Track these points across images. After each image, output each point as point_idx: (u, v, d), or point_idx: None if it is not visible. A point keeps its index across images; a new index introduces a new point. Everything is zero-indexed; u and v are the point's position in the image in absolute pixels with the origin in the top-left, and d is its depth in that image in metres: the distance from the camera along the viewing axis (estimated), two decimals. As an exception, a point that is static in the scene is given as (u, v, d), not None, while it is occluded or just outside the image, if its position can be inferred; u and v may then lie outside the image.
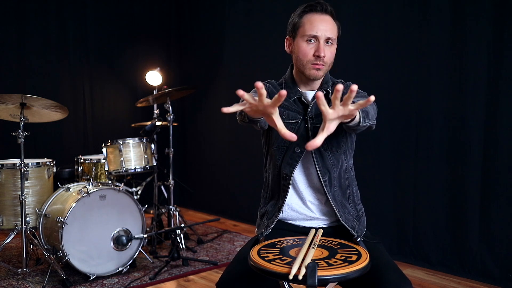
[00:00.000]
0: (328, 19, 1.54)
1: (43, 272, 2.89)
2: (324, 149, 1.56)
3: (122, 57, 4.83)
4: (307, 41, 1.54)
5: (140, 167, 3.31)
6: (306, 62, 1.55)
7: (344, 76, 1.74)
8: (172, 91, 3.43)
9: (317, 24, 1.53)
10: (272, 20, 3.93)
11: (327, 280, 1.14)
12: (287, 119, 1.58)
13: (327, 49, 1.53)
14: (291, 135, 1.12)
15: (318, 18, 1.54)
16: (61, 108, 2.85)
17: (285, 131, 1.13)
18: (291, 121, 1.58)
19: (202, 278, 2.88)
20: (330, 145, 1.57)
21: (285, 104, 1.60)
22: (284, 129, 1.14)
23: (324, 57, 1.52)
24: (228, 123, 4.48)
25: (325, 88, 1.60)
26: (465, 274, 2.80)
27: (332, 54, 1.56)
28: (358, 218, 1.60)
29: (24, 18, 4.17)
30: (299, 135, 1.54)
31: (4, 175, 2.91)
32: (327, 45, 1.54)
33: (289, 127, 1.56)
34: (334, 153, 1.57)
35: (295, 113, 1.58)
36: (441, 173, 2.90)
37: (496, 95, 2.64)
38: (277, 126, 1.15)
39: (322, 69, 1.55)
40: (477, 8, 2.69)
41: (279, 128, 1.14)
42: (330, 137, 1.47)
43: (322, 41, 1.52)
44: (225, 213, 4.46)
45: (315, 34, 1.52)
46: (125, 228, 2.91)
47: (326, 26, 1.53)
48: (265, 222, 1.61)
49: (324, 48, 1.52)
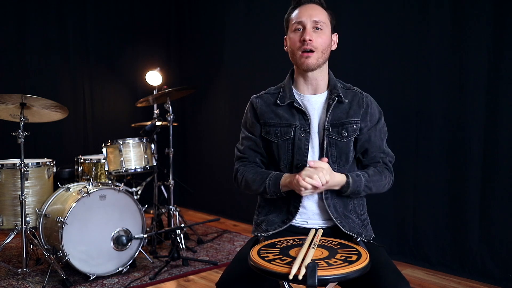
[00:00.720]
0: (314, 6, 1.57)
1: (43, 272, 2.89)
2: (332, 162, 1.56)
3: (122, 57, 4.83)
4: (295, 31, 1.56)
5: (140, 167, 3.31)
6: (296, 51, 1.56)
7: (344, 77, 1.74)
8: (172, 91, 3.43)
9: (302, 12, 1.56)
10: (272, 20, 3.93)
11: (327, 280, 1.14)
12: (280, 136, 1.59)
13: (315, 35, 1.54)
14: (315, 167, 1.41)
15: (304, 7, 1.57)
16: (61, 108, 2.85)
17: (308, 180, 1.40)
18: (285, 138, 1.59)
19: (202, 278, 2.88)
20: (339, 160, 1.57)
21: (276, 121, 1.61)
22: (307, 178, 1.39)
23: (311, 41, 1.52)
24: (228, 123, 4.48)
25: (335, 94, 1.59)
26: (465, 274, 2.80)
27: (323, 40, 1.55)
28: (364, 227, 1.60)
29: (24, 18, 4.17)
30: (296, 148, 1.56)
31: (4, 175, 2.91)
32: (315, 31, 1.54)
33: (284, 144, 1.58)
34: (341, 167, 1.58)
35: (287, 127, 1.59)
36: (441, 173, 2.90)
37: (496, 95, 2.64)
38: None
39: (311, 55, 1.53)
40: (477, 8, 2.69)
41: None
42: (339, 151, 1.55)
43: (309, 25, 1.53)
44: (225, 213, 4.46)
45: (300, 20, 1.55)
46: (125, 228, 2.91)
47: (312, 11, 1.55)
48: (264, 227, 1.60)
49: (311, 33, 1.53)
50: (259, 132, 1.64)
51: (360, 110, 1.59)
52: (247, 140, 1.67)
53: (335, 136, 1.56)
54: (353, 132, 1.58)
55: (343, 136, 1.57)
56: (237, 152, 1.70)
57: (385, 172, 1.61)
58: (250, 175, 1.60)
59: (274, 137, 1.60)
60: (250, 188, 1.60)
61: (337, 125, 1.57)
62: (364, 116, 1.60)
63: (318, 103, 1.61)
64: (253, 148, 1.66)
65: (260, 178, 1.57)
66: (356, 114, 1.58)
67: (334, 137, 1.56)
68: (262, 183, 1.55)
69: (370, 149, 1.61)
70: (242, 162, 1.67)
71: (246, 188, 1.62)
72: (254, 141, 1.66)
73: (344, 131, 1.57)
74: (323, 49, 1.55)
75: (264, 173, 1.58)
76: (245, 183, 1.61)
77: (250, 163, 1.66)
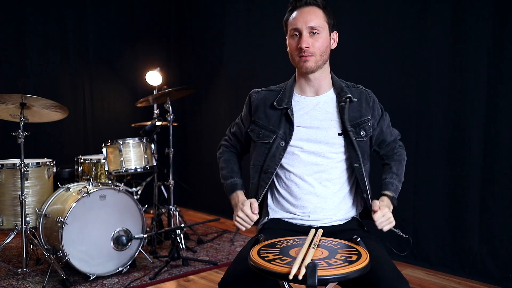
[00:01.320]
0: (311, 9, 1.55)
1: (43, 272, 2.89)
2: (355, 162, 1.60)
3: (122, 57, 4.83)
4: (292, 36, 1.57)
5: (140, 167, 3.31)
6: (295, 56, 1.58)
7: (344, 76, 1.74)
8: (172, 91, 3.43)
9: (298, 17, 1.56)
10: (272, 20, 3.93)
11: (327, 280, 1.14)
12: (262, 138, 1.63)
13: (312, 40, 1.54)
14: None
15: (300, 11, 1.56)
16: (61, 108, 2.85)
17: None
18: (264, 141, 1.62)
19: (202, 278, 2.88)
20: (363, 159, 1.59)
21: (263, 123, 1.64)
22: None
23: (308, 47, 1.53)
24: (228, 123, 4.46)
25: (345, 96, 1.60)
26: (465, 274, 2.80)
27: (320, 43, 1.55)
28: None
29: (24, 18, 4.17)
30: (271, 155, 1.59)
31: (4, 175, 2.91)
32: (312, 36, 1.54)
33: (262, 146, 1.62)
34: (365, 165, 1.61)
35: (269, 132, 1.61)
36: (441, 173, 2.90)
37: (496, 95, 2.64)
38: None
39: (309, 59, 1.55)
40: (477, 8, 2.69)
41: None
42: (362, 151, 1.59)
43: (305, 32, 1.53)
44: (225, 213, 4.44)
45: (296, 27, 1.55)
46: (125, 228, 2.91)
47: (307, 16, 1.54)
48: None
49: (307, 39, 1.53)
50: (248, 125, 1.71)
51: (369, 107, 1.64)
52: (237, 127, 1.79)
53: (355, 137, 1.58)
54: (370, 130, 1.62)
55: (362, 136, 1.59)
56: (228, 131, 1.84)
57: (400, 152, 1.72)
58: (223, 164, 1.76)
59: (256, 137, 1.65)
60: (219, 171, 1.77)
61: (354, 126, 1.59)
62: (372, 111, 1.64)
63: (321, 103, 1.62)
64: (238, 137, 1.78)
65: (225, 172, 1.73)
66: (367, 112, 1.62)
67: (355, 138, 1.57)
68: (224, 179, 1.72)
69: (385, 140, 1.69)
70: (227, 142, 1.83)
71: (219, 167, 1.78)
72: (241, 131, 1.75)
73: (362, 131, 1.59)
74: (321, 52, 1.56)
75: (231, 171, 1.72)
76: (220, 164, 1.79)
77: (231, 147, 1.81)
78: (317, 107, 1.61)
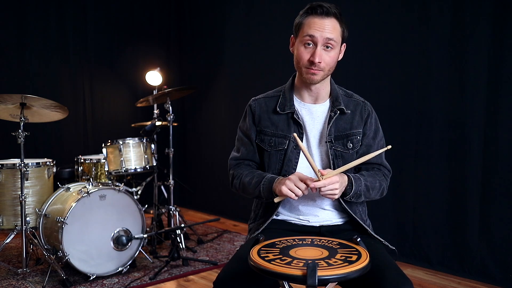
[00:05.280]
0: (329, 22, 1.49)
1: (43, 272, 2.89)
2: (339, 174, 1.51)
3: (122, 57, 4.83)
4: (305, 45, 1.50)
5: (140, 167, 3.31)
6: (302, 65, 1.53)
7: (344, 77, 1.74)
8: (172, 91, 3.43)
9: (316, 26, 1.48)
10: (273, 20, 3.93)
11: (327, 280, 1.14)
12: (274, 146, 1.59)
13: (325, 54, 1.49)
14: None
15: (318, 21, 1.48)
16: (61, 108, 2.85)
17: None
18: (278, 148, 1.59)
19: (202, 278, 2.88)
20: (347, 171, 1.50)
21: (271, 130, 1.60)
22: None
23: (320, 62, 1.48)
24: (228, 123, 4.48)
25: (337, 107, 1.58)
26: (465, 274, 2.80)
27: (331, 58, 1.51)
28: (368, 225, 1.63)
29: (24, 18, 4.17)
30: (287, 159, 1.56)
31: (4, 175, 2.91)
32: (326, 50, 1.49)
33: (277, 154, 1.58)
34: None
35: (281, 138, 1.58)
36: (441, 173, 2.90)
37: (496, 95, 2.64)
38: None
39: (318, 73, 1.51)
40: (477, 8, 2.69)
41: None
42: (346, 163, 1.52)
43: (320, 45, 1.48)
44: (225, 213, 4.45)
45: (312, 34, 1.48)
46: (125, 228, 2.91)
47: (325, 29, 1.48)
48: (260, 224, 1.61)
49: (321, 53, 1.48)
50: (254, 137, 1.65)
51: (361, 120, 1.61)
52: (243, 145, 1.67)
53: (341, 148, 1.57)
54: (357, 144, 1.59)
55: (349, 148, 1.58)
56: (231, 160, 1.69)
57: (379, 176, 1.61)
58: (247, 178, 1.57)
59: (268, 146, 1.61)
60: (248, 191, 1.58)
61: (342, 137, 1.57)
62: (364, 125, 1.61)
63: (319, 112, 1.61)
64: (249, 152, 1.65)
65: (254, 180, 1.54)
66: (359, 125, 1.60)
67: (340, 149, 1.57)
68: (257, 184, 1.53)
69: (369, 161, 1.56)
70: (238, 166, 1.66)
71: (244, 191, 1.60)
72: (250, 146, 1.65)
73: (349, 143, 1.58)
74: (330, 67, 1.53)
75: (258, 175, 1.56)
76: (243, 186, 1.59)
77: (245, 166, 1.66)
78: (313, 115, 1.61)
